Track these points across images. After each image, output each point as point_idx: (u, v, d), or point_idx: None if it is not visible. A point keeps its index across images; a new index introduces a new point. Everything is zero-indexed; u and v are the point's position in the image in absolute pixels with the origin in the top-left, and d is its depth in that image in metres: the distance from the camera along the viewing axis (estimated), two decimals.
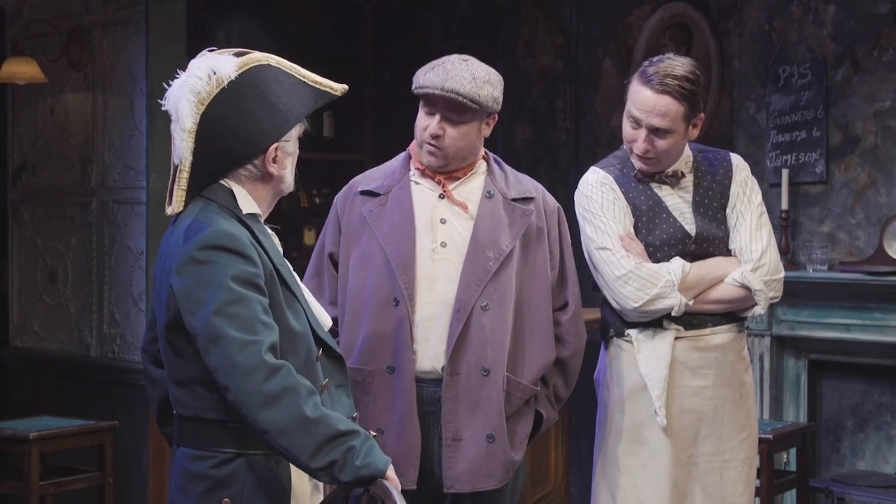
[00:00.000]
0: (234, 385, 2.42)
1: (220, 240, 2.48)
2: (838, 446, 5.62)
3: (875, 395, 5.51)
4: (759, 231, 3.55)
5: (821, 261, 5.45)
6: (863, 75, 5.47)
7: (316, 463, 2.43)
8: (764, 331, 5.60)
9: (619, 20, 6.64)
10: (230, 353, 2.42)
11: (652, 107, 3.39)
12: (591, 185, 3.54)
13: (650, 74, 3.40)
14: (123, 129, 5.60)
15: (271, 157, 2.60)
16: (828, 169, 5.59)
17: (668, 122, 3.39)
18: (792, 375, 5.65)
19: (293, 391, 2.43)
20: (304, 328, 2.62)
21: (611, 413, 3.56)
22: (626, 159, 3.56)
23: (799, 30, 5.69)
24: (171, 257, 2.54)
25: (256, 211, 2.63)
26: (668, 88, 3.37)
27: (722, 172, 3.57)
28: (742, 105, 5.95)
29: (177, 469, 2.61)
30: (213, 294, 2.44)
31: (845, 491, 5.17)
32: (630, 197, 3.51)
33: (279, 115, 2.59)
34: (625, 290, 3.43)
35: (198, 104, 2.54)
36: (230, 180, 2.60)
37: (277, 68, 2.63)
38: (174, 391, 2.59)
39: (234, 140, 2.56)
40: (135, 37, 5.54)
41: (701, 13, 6.24)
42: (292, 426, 2.41)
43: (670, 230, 3.49)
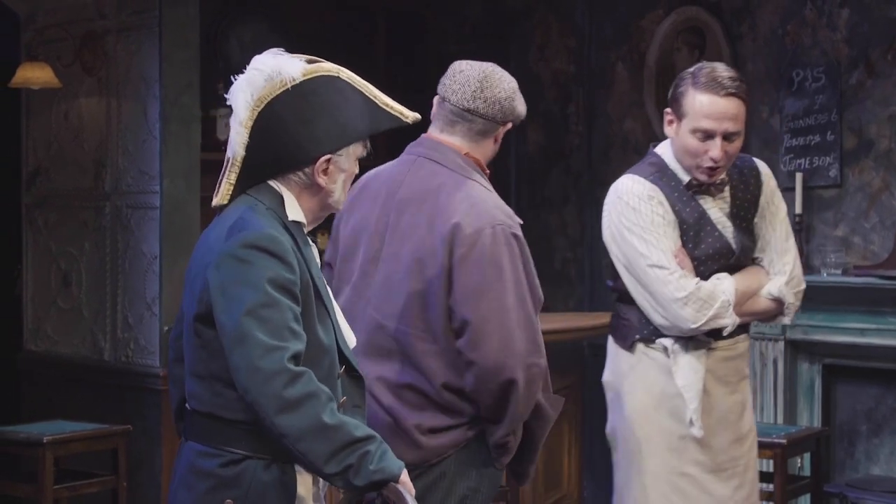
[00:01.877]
0: (255, 388, 2.43)
1: (262, 241, 2.48)
2: (853, 451, 5.61)
3: (890, 399, 5.50)
4: (788, 242, 3.57)
5: (835, 265, 5.43)
6: (877, 79, 5.46)
7: (331, 468, 2.44)
8: (778, 335, 5.59)
9: (632, 24, 6.63)
10: (254, 356, 2.42)
11: (724, 112, 3.34)
12: (638, 198, 3.45)
13: (709, 81, 3.36)
14: (137, 133, 5.62)
15: (321, 169, 2.58)
16: (842, 173, 5.58)
17: (740, 125, 3.39)
18: (806, 380, 5.64)
19: (313, 397, 2.44)
20: (331, 343, 2.61)
21: (637, 421, 3.53)
22: (663, 167, 3.49)
23: (812, 33, 5.68)
24: (210, 252, 2.53)
25: (302, 220, 2.62)
26: (733, 91, 3.36)
27: (753, 182, 3.56)
28: (756, 109, 5.94)
29: (183, 463, 2.61)
30: (248, 294, 2.44)
31: (860, 496, 5.15)
32: (677, 210, 3.44)
33: (337, 128, 2.58)
34: (684, 311, 3.40)
35: (257, 100, 2.55)
36: (281, 184, 2.60)
37: (346, 82, 2.62)
38: (192, 385, 2.59)
39: (288, 144, 2.56)
40: (148, 42, 5.56)
41: (714, 17, 6.23)
42: (310, 432, 2.42)
43: (716, 244, 3.46)
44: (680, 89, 3.41)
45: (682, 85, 3.41)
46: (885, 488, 5.18)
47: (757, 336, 5.64)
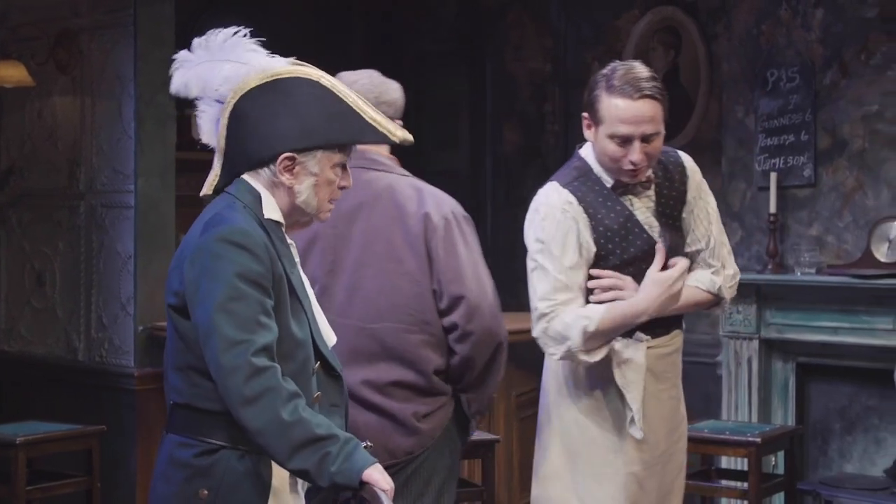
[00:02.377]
0: (220, 382, 2.47)
1: (234, 235, 2.51)
2: (826, 449, 5.63)
3: (863, 397, 5.52)
4: (721, 236, 3.54)
5: (809, 264, 5.45)
6: (850, 79, 5.48)
7: (292, 465, 2.46)
8: (752, 334, 5.61)
9: (608, 23, 6.65)
10: (218, 351, 2.45)
11: (640, 116, 3.26)
12: (549, 206, 3.37)
13: (624, 84, 3.27)
14: (112, 132, 5.60)
15: (283, 166, 2.59)
16: (816, 172, 5.60)
17: (658, 126, 3.30)
18: (780, 378, 5.66)
19: (272, 393, 2.45)
20: (305, 338, 2.62)
21: (576, 422, 3.50)
22: (587, 171, 3.41)
23: (787, 33, 5.70)
24: (188, 246, 2.58)
25: (279, 219, 2.63)
26: (647, 93, 3.27)
27: (678, 178, 3.49)
28: (730, 108, 5.96)
29: (162, 456, 2.64)
30: (218, 288, 2.48)
31: (833, 494, 5.18)
32: (599, 217, 3.37)
33: (302, 127, 2.58)
34: (542, 336, 3.36)
35: (234, 91, 2.59)
36: (257, 181, 2.62)
37: (327, 89, 2.61)
38: (172, 378, 2.62)
39: (254, 138, 2.59)
40: (123, 40, 5.54)
41: (690, 17, 6.26)
42: (268, 427, 2.44)
43: (644, 246, 3.39)
44: (594, 94, 3.31)
45: (596, 89, 3.31)
46: (858, 486, 5.21)
47: (731, 335, 5.66)
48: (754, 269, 5.71)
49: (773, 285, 5.54)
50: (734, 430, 4.90)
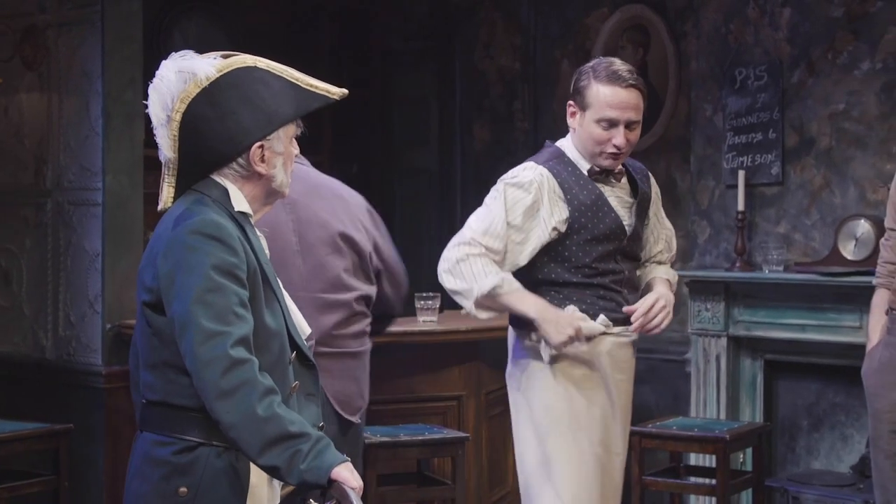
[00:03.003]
0: (196, 374, 2.46)
1: (207, 227, 2.53)
2: (794, 446, 5.66)
3: (830, 394, 5.55)
4: (673, 237, 3.95)
5: (776, 262, 5.48)
6: (818, 78, 5.51)
7: (263, 461, 2.46)
8: (720, 331, 5.63)
9: (577, 21, 6.66)
10: (195, 342, 2.46)
11: (627, 102, 3.57)
12: (521, 179, 3.63)
13: (611, 74, 3.57)
14: (79, 129, 5.56)
15: (257, 157, 2.63)
16: (783, 170, 5.62)
17: (640, 115, 3.61)
18: (748, 376, 5.69)
19: (249, 386, 2.45)
20: (279, 327, 2.65)
21: (543, 404, 3.66)
22: (562, 156, 3.68)
23: (755, 32, 5.72)
24: (159, 241, 2.58)
25: (248, 210, 2.67)
26: (633, 83, 3.58)
27: (647, 181, 3.83)
28: (699, 107, 5.98)
29: (138, 454, 2.63)
30: (193, 280, 2.49)
31: (800, 490, 5.20)
32: (573, 192, 3.62)
33: (263, 115, 2.62)
34: (444, 262, 3.71)
35: (178, 103, 2.59)
36: (223, 178, 2.65)
37: (265, 70, 2.66)
38: (146, 376, 2.61)
39: (217, 139, 2.60)
40: (90, 37, 5.50)
41: (658, 15, 6.28)
42: (242, 421, 2.44)
43: (612, 225, 3.65)
44: (582, 83, 3.62)
45: (583, 79, 3.62)
46: (825, 482, 5.23)
47: (700, 332, 5.69)
48: (722, 267, 5.73)
49: (741, 283, 5.57)
50: (703, 427, 4.92)
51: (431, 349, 5.10)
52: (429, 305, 5.14)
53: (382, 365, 5.01)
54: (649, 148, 6.32)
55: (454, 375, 5.17)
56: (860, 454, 5.30)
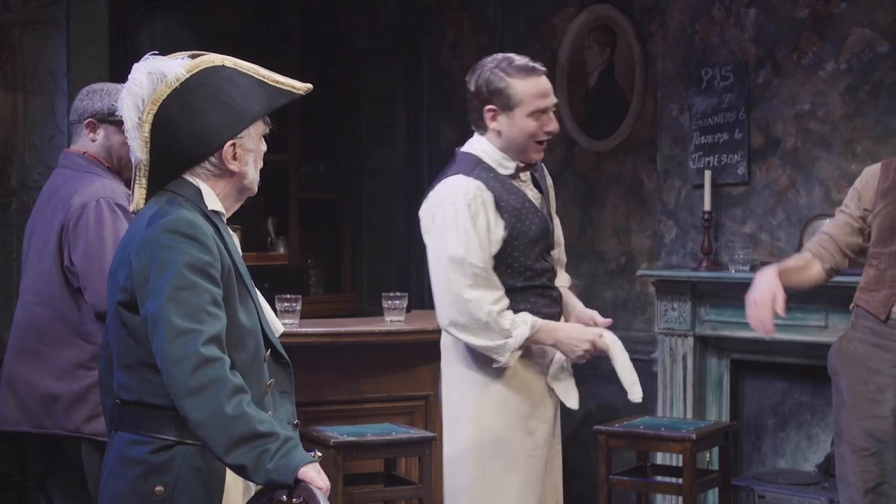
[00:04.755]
0: (166, 371, 2.48)
1: (181, 226, 2.55)
2: (760, 445, 5.69)
3: (795, 394, 5.58)
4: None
5: (743, 261, 5.50)
6: (783, 78, 5.54)
7: (230, 459, 2.47)
8: (687, 331, 5.66)
9: (544, 21, 6.67)
10: (166, 340, 2.47)
11: (548, 89, 3.66)
12: (462, 194, 3.58)
13: (523, 67, 3.62)
14: (44, 128, 5.53)
15: (229, 155, 2.67)
16: (749, 170, 5.65)
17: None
18: (715, 375, 5.71)
19: (218, 385, 2.46)
20: (254, 325, 2.67)
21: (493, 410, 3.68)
22: (480, 162, 3.66)
23: (721, 33, 5.75)
24: (133, 240, 2.60)
25: (220, 209, 2.70)
26: (543, 69, 3.68)
27: (542, 172, 3.87)
28: (665, 107, 6.00)
29: (113, 454, 2.64)
30: (167, 278, 2.51)
31: (766, 489, 5.23)
32: (505, 199, 3.63)
33: (232, 114, 2.65)
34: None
35: (150, 105, 2.61)
36: (195, 177, 2.68)
37: (233, 69, 2.69)
38: (120, 377, 2.62)
39: (188, 139, 2.63)
40: (56, 36, 5.47)
41: (624, 15, 6.29)
42: (210, 419, 2.45)
43: (542, 225, 3.70)
44: (497, 84, 3.60)
45: (496, 80, 3.60)
46: (790, 481, 5.27)
47: (666, 332, 5.71)
48: (689, 267, 5.75)
49: (707, 283, 5.59)
50: (669, 427, 4.94)
51: (399, 349, 5.10)
52: (396, 305, 5.14)
53: (350, 364, 5.02)
54: (616, 148, 6.34)
55: (422, 375, 5.17)
56: (825, 453, 5.34)
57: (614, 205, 6.29)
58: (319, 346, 4.88)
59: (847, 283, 4.32)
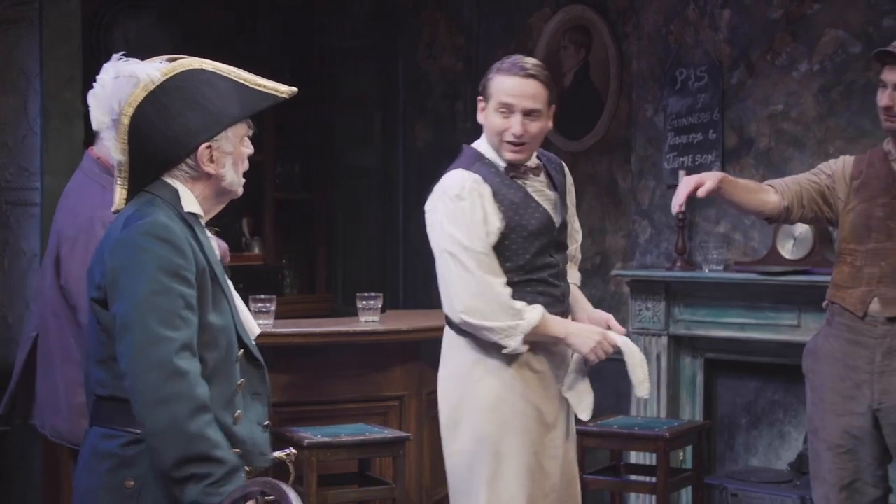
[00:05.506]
0: (133, 375, 2.48)
1: (156, 229, 2.56)
2: (733, 443, 5.71)
3: (768, 392, 5.61)
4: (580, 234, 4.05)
5: (716, 261, 5.52)
6: (757, 78, 5.56)
7: (173, 473, 2.47)
8: (661, 330, 5.67)
9: (520, 21, 6.68)
10: (139, 344, 2.48)
11: (523, 90, 3.63)
12: (461, 187, 3.65)
13: (512, 65, 3.66)
14: (17, 129, 5.51)
15: (205, 157, 2.67)
16: (723, 170, 5.65)
17: (539, 104, 3.65)
18: (688, 374, 5.73)
19: (185, 400, 2.47)
20: (227, 323, 2.68)
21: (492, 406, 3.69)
22: (481, 157, 3.72)
23: (695, 33, 5.76)
24: (109, 240, 2.62)
25: (198, 211, 2.71)
26: (533, 73, 3.64)
27: (560, 171, 3.89)
28: (640, 107, 6.02)
29: (86, 449, 2.65)
30: (140, 282, 2.51)
31: (739, 487, 5.25)
32: (503, 192, 3.66)
33: (209, 116, 2.66)
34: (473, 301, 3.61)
35: (126, 107, 2.62)
36: (174, 179, 2.69)
37: (212, 72, 2.70)
38: (95, 372, 2.64)
39: (165, 141, 2.64)
40: (28, 35, 5.45)
41: (600, 16, 6.31)
42: (169, 432, 2.46)
43: (543, 219, 3.70)
44: (487, 77, 3.71)
45: (489, 74, 3.71)
46: (762, 479, 5.29)
47: (640, 332, 5.72)
48: (663, 267, 5.77)
49: (681, 282, 5.61)
50: (643, 426, 4.95)
51: (373, 349, 5.09)
52: (370, 305, 5.13)
53: (324, 365, 5.02)
54: (591, 148, 6.35)
55: (396, 375, 5.17)
56: (798, 451, 5.36)
57: (589, 205, 6.30)
58: (294, 346, 4.87)
59: (820, 283, 4.34)
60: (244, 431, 2.67)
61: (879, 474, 4.03)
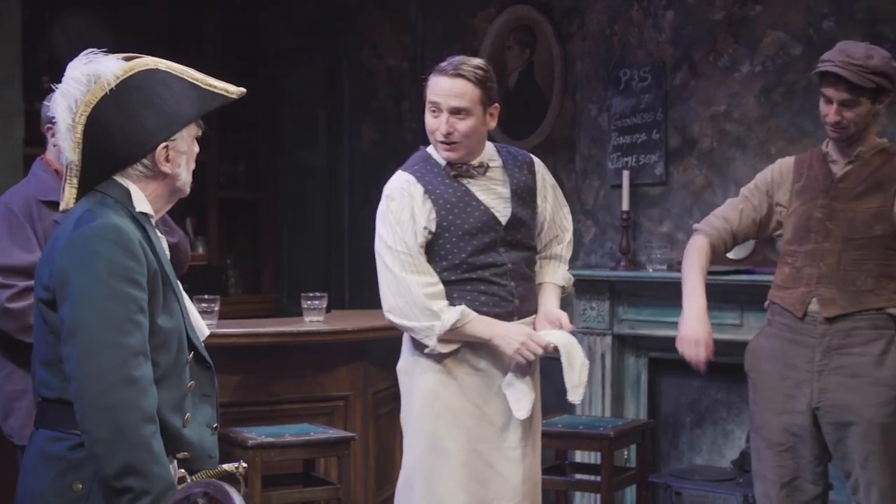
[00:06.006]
0: (79, 380, 2.45)
1: (108, 231, 2.54)
2: (677, 442, 5.75)
3: (712, 391, 5.65)
4: (568, 232, 3.98)
5: (660, 261, 5.56)
6: (699, 79, 5.60)
7: (113, 482, 2.45)
8: (605, 330, 5.70)
9: (465, 21, 6.69)
10: (88, 349, 2.46)
11: (449, 90, 3.65)
12: (393, 188, 3.74)
13: (444, 65, 3.70)
14: None
15: (162, 157, 2.67)
16: (667, 170, 5.71)
17: (466, 103, 3.65)
18: (633, 373, 5.76)
19: (133, 409, 2.45)
20: (177, 325, 2.66)
21: (428, 401, 3.74)
22: (427, 157, 3.78)
23: (639, 34, 5.80)
24: (59, 241, 2.59)
25: (149, 211, 2.70)
26: (461, 72, 3.66)
27: (527, 170, 3.87)
28: (584, 107, 6.04)
29: (33, 452, 2.61)
30: (89, 285, 2.49)
31: (683, 485, 5.28)
32: (438, 192, 3.70)
33: (165, 116, 2.66)
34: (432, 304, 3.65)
35: (83, 107, 2.61)
36: (126, 178, 2.68)
37: (166, 72, 2.70)
38: (41, 374, 2.61)
39: (122, 141, 2.63)
40: None
41: (544, 16, 6.33)
42: (114, 440, 2.44)
43: (483, 217, 3.71)
44: (427, 76, 3.76)
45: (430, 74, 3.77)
46: (706, 477, 5.33)
47: (585, 331, 5.75)
48: (607, 266, 5.80)
49: (625, 282, 5.64)
50: (587, 425, 4.97)
51: (318, 349, 5.08)
52: (315, 305, 5.12)
53: (269, 365, 4.99)
54: (535, 148, 6.36)
55: (341, 375, 5.15)
56: (741, 449, 5.40)
57: None
58: (238, 346, 4.84)
59: (761, 283, 4.38)
60: (193, 435, 2.65)
61: (819, 472, 4.07)
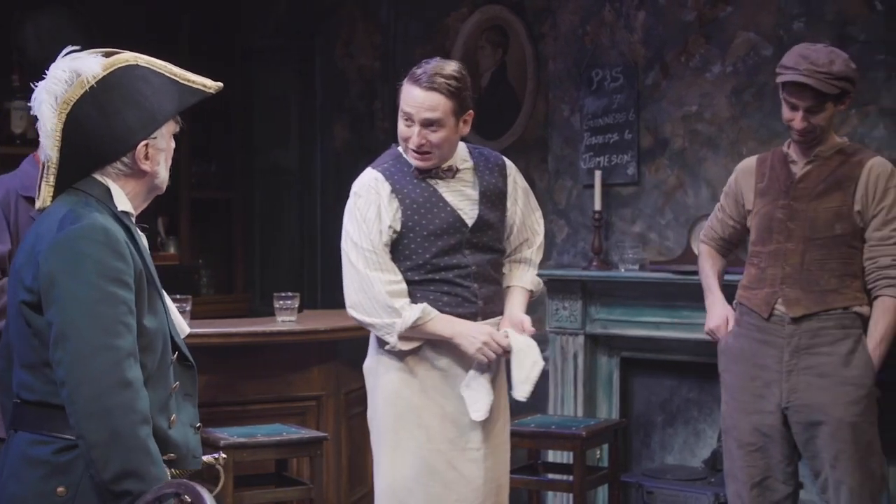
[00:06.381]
0: (73, 385, 2.43)
1: (95, 233, 2.51)
2: (649, 441, 5.76)
3: (683, 391, 5.66)
4: (538, 236, 3.98)
5: (632, 260, 5.57)
6: (671, 80, 5.62)
7: (113, 486, 2.44)
8: (577, 329, 5.71)
9: (437, 21, 6.69)
10: (80, 354, 2.43)
11: (422, 102, 3.65)
12: (361, 185, 3.76)
13: (419, 75, 3.68)
14: None
15: (142, 155, 2.65)
16: (639, 171, 5.72)
17: (439, 114, 3.66)
18: (605, 373, 5.77)
19: (128, 412, 2.44)
20: (162, 325, 2.65)
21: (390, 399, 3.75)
22: (398, 157, 3.79)
23: (611, 34, 5.81)
24: (41, 241, 2.55)
25: (130, 210, 2.68)
26: (435, 85, 3.65)
27: (497, 173, 3.87)
28: (557, 107, 6.05)
29: (13, 455, 2.58)
30: (79, 288, 2.46)
31: (655, 485, 5.30)
32: (405, 192, 3.71)
33: (146, 113, 2.65)
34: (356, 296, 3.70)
35: (63, 104, 2.58)
36: (105, 177, 2.65)
37: (146, 68, 2.69)
38: (22, 376, 2.57)
39: (102, 139, 2.61)
40: None
41: (517, 16, 6.33)
42: (111, 443, 2.43)
43: (449, 219, 3.72)
44: (401, 82, 3.76)
45: (404, 79, 3.75)
46: (678, 476, 5.34)
47: (557, 331, 5.75)
48: (579, 266, 5.81)
49: (597, 281, 5.65)
50: (560, 425, 4.98)
51: (290, 349, 5.07)
52: (287, 305, 5.11)
53: (241, 365, 4.98)
54: (508, 148, 6.37)
55: (313, 375, 5.15)
56: (712, 449, 5.42)
57: None
58: (210, 346, 4.83)
59: (733, 283, 4.40)
60: (178, 435, 2.65)
61: (789, 471, 4.09)
